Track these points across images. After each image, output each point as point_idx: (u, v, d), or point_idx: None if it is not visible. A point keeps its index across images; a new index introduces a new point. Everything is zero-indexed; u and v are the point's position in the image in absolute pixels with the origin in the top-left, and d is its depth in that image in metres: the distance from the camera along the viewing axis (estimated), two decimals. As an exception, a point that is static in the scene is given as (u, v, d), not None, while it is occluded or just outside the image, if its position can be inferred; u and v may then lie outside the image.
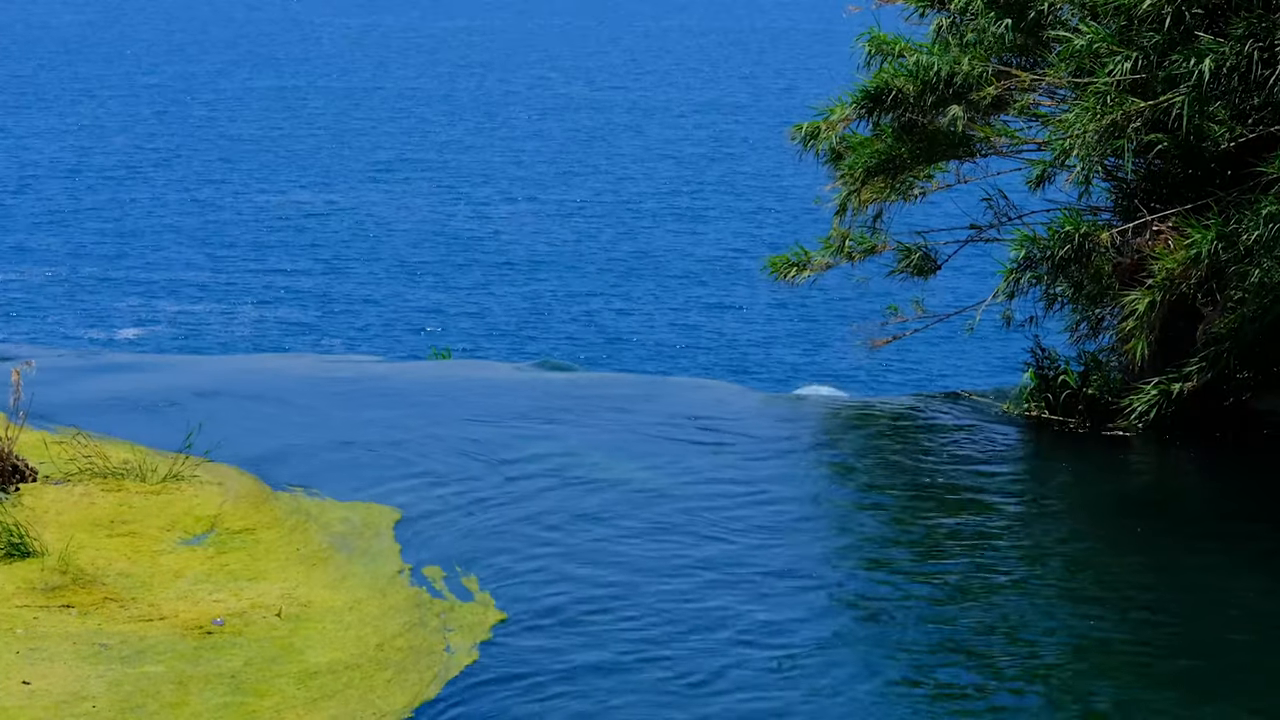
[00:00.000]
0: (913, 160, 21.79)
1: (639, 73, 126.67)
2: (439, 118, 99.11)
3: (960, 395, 23.36)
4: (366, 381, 22.96)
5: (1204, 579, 15.72)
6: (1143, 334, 19.15)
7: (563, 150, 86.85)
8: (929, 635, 14.30)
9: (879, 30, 22.17)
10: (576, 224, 66.67)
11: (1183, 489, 19.71)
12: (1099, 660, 13.87)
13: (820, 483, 19.07)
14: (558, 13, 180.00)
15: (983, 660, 13.80)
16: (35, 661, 13.08)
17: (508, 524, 16.75)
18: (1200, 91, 18.78)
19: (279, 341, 48.30)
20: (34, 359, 19.36)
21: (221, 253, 60.53)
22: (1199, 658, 13.89)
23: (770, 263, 23.19)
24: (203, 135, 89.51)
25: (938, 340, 43.93)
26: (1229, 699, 13.17)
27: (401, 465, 18.61)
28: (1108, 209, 21.27)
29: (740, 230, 64.72)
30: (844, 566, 16.06)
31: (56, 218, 65.78)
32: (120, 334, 48.91)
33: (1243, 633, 14.38)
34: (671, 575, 15.46)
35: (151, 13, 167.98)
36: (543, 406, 21.64)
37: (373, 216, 67.64)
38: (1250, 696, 13.21)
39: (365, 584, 14.95)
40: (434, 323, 51.23)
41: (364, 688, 12.96)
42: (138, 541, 15.62)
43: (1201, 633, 14.39)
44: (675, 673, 13.40)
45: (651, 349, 48.18)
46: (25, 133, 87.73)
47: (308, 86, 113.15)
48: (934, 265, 22.59)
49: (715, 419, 21.26)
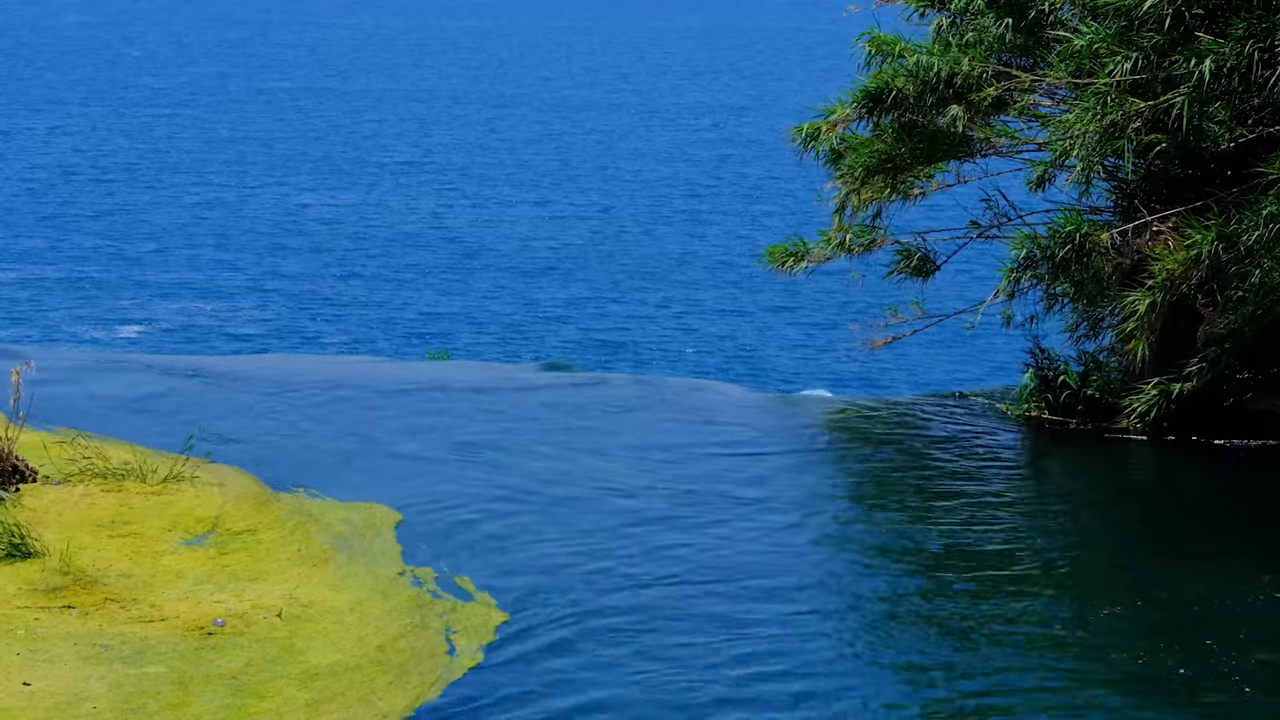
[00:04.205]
0: (913, 160, 21.80)
1: (640, 74, 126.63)
2: (442, 118, 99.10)
3: (960, 396, 23.37)
4: (367, 382, 22.96)
5: (1204, 579, 15.71)
6: (1143, 334, 19.16)
7: (564, 151, 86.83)
8: (928, 635, 14.30)
9: (879, 30, 22.17)
10: (577, 225, 66.66)
11: (1182, 489, 19.70)
12: (1098, 660, 13.87)
13: (820, 483, 19.08)
14: (563, 14, 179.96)
15: (982, 660, 13.80)
16: (36, 662, 13.07)
17: (509, 525, 16.75)
18: (1200, 92, 18.78)
19: (280, 342, 48.29)
20: (34, 359, 19.36)
21: (222, 253, 60.52)
22: (1199, 657, 13.89)
23: (769, 252, 23.19)
24: (203, 136, 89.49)
25: (938, 341, 43.92)
26: (1229, 699, 13.17)
27: (403, 466, 18.62)
28: (1108, 209, 21.28)
29: (742, 232, 64.71)
30: (843, 566, 16.06)
31: (57, 218, 65.78)
32: (120, 334, 48.91)
33: (1243, 633, 14.37)
34: (673, 576, 15.46)
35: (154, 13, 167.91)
36: (544, 407, 21.64)
37: (373, 217, 67.62)
38: (1250, 696, 13.21)
39: (367, 585, 14.95)
40: (434, 324, 51.22)
41: (365, 689, 12.95)
42: (139, 542, 15.62)
43: (1202, 632, 14.38)
44: (677, 673, 13.40)
45: (653, 350, 48.17)
46: (26, 133, 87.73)
47: (310, 87, 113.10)
48: (933, 266, 22.60)
49: (716, 420, 21.27)
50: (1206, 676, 13.54)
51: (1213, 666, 13.72)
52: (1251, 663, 13.81)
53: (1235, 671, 13.63)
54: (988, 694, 13.20)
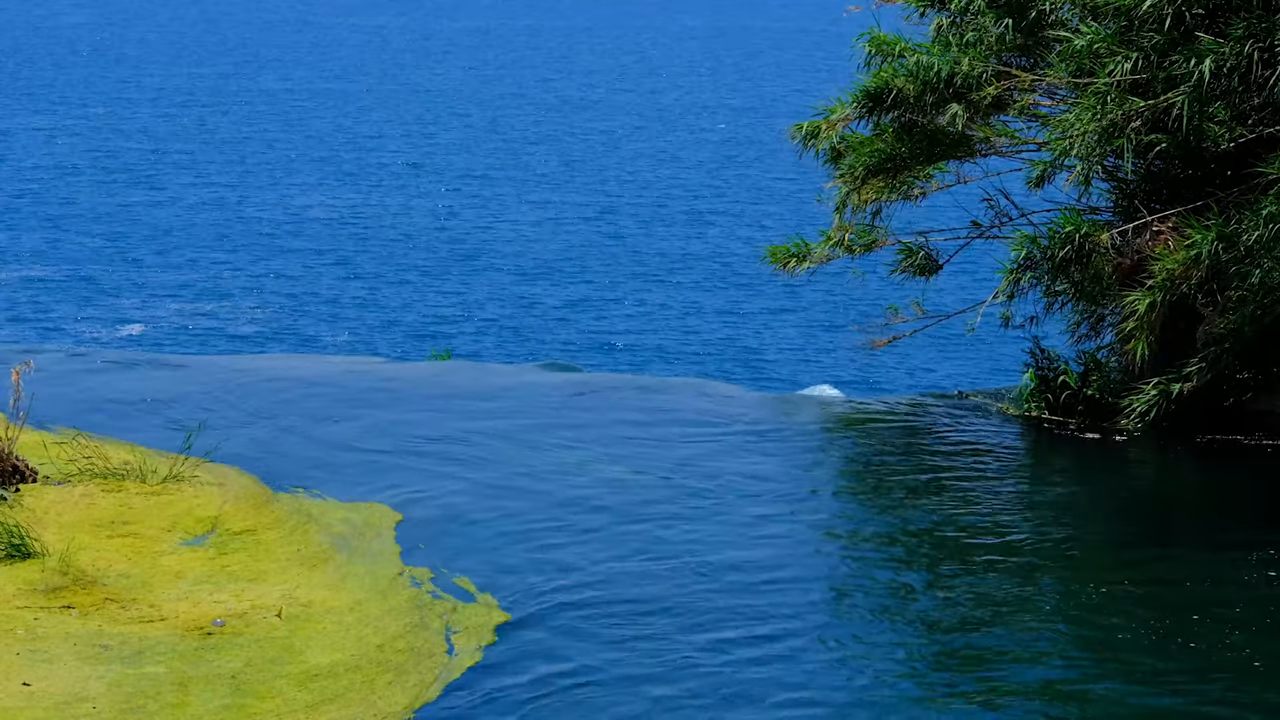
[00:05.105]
0: (913, 160, 21.79)
1: (641, 74, 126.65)
2: (443, 119, 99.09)
3: (961, 396, 23.37)
4: (367, 382, 22.96)
5: (1204, 579, 15.72)
6: (1143, 334, 19.15)
7: (565, 151, 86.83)
8: (928, 634, 14.30)
9: (879, 30, 22.16)
10: (578, 225, 66.66)
11: (1182, 489, 19.70)
12: (1099, 660, 13.88)
13: (820, 482, 19.08)
14: (564, 14, 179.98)
15: (981, 660, 13.80)
16: (36, 662, 13.07)
17: (510, 525, 16.75)
18: (1200, 92, 18.78)
19: (280, 342, 48.28)
20: (34, 359, 19.36)
21: (222, 253, 60.51)
22: (1199, 657, 13.89)
23: (770, 252, 23.18)
24: (204, 136, 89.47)
25: (938, 341, 43.91)
26: (1231, 697, 13.17)
27: (403, 466, 18.61)
28: (1108, 209, 21.27)
29: (742, 232, 64.71)
30: (843, 566, 16.07)
31: (58, 218, 65.77)
32: (120, 334, 48.90)
33: (1243, 632, 14.37)
34: (675, 577, 15.45)
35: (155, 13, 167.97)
36: (545, 407, 21.64)
37: (374, 218, 67.63)
38: (1249, 695, 13.21)
39: (366, 585, 14.95)
40: (435, 324, 51.22)
41: (365, 689, 12.95)
42: (138, 542, 15.62)
43: (1203, 632, 14.38)
44: (678, 674, 13.40)
45: (654, 350, 48.16)
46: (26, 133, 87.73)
47: (311, 88, 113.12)
48: (936, 265, 22.60)
49: (717, 420, 21.27)
50: (1207, 676, 13.55)
51: (1214, 666, 13.73)
52: (1253, 662, 13.81)
53: (1236, 671, 13.64)
54: (988, 692, 13.20)
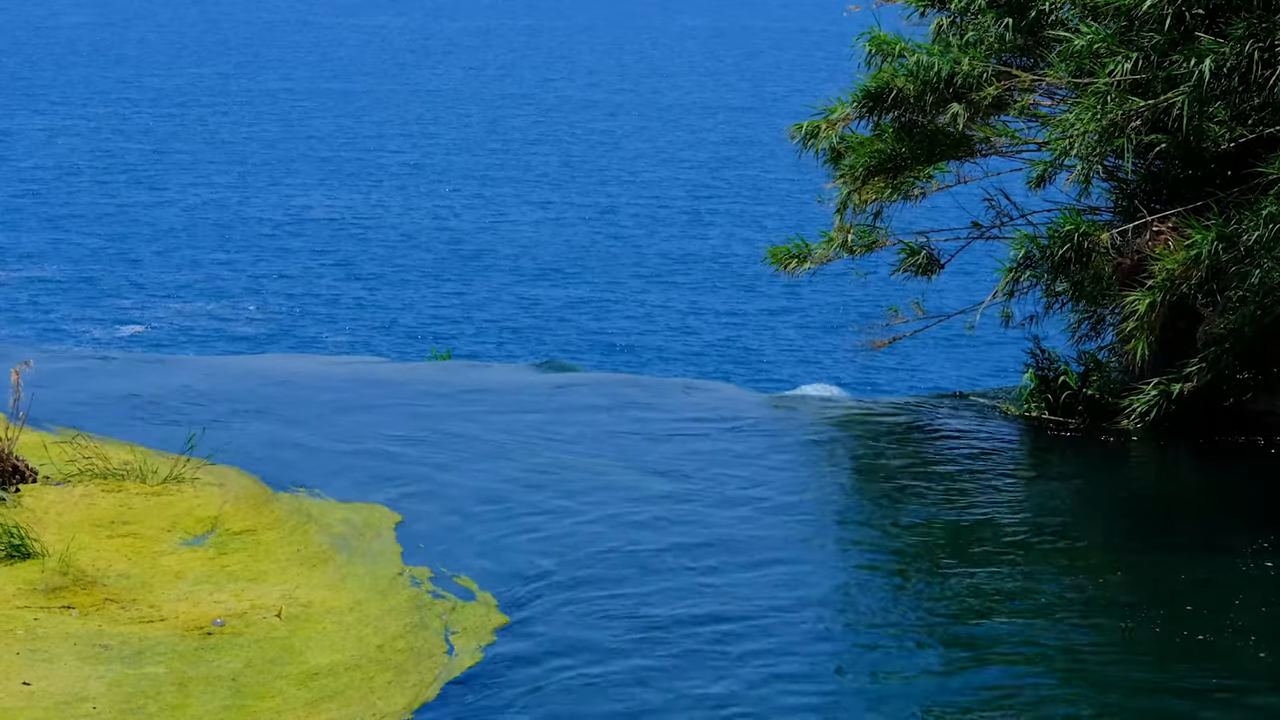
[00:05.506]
0: (913, 160, 21.80)
1: (641, 74, 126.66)
2: (444, 119, 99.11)
3: (960, 396, 23.37)
4: (367, 383, 22.97)
5: (1204, 579, 15.72)
6: (1143, 334, 19.15)
7: (565, 152, 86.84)
8: (927, 633, 14.30)
9: (879, 30, 22.17)
10: (578, 225, 66.67)
11: (1182, 489, 19.70)
12: (1098, 660, 13.87)
13: (820, 482, 19.08)
14: (564, 14, 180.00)
15: (981, 660, 13.80)
16: (36, 662, 13.08)
17: (510, 525, 16.75)
18: (1200, 92, 18.78)
19: (280, 342, 48.28)
20: (33, 359, 19.35)
21: (222, 253, 60.52)
22: (1199, 658, 13.89)
23: (771, 253, 23.20)
24: (205, 136, 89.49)
25: (938, 341, 43.91)
26: (1232, 697, 13.17)
27: (403, 466, 18.62)
28: (1108, 209, 21.28)
29: (743, 233, 64.72)
30: (842, 566, 16.07)
31: (59, 218, 65.79)
32: (120, 334, 48.91)
33: (1243, 632, 14.37)
34: (675, 577, 15.45)
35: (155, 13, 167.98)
36: (545, 407, 21.65)
37: (375, 218, 67.64)
38: (1249, 695, 13.21)
39: (366, 585, 14.95)
40: (435, 324, 51.24)
41: (364, 689, 12.95)
42: (138, 542, 15.62)
43: (1203, 632, 14.38)
44: (679, 674, 13.40)
45: (654, 350, 48.17)
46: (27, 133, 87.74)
47: (311, 88, 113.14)
48: (937, 265, 22.61)
49: (717, 419, 21.27)
50: (1208, 676, 13.54)
51: (1214, 666, 13.72)
52: (1254, 662, 13.81)
53: (1237, 670, 13.63)
54: (987, 691, 13.20)
